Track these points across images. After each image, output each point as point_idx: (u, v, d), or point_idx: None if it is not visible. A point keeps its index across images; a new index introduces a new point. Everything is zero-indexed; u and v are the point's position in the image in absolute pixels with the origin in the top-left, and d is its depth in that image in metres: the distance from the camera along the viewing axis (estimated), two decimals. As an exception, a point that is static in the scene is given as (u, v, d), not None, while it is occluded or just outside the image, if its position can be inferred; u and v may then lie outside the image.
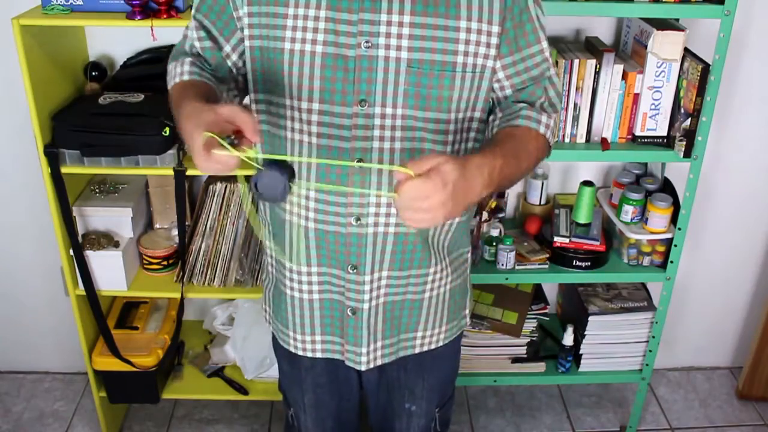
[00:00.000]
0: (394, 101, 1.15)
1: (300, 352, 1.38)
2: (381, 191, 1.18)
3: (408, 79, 1.13)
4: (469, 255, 1.43)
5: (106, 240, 1.97)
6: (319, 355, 1.37)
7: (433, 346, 1.40)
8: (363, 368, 1.35)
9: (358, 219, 1.22)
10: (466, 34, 1.13)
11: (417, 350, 1.39)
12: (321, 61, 1.13)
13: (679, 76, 1.83)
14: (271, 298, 1.42)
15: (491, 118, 1.25)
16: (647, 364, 2.20)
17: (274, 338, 1.49)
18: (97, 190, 2.02)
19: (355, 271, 1.26)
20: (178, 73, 1.20)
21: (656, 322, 2.14)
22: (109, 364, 2.05)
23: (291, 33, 1.13)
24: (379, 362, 1.36)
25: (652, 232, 2.00)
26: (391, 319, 1.34)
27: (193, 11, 1.23)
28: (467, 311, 1.48)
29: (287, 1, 1.12)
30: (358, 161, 1.18)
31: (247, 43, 1.18)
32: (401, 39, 1.11)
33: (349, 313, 1.31)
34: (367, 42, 1.11)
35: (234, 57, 1.22)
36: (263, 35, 1.15)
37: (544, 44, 1.21)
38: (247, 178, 1.04)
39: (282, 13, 1.13)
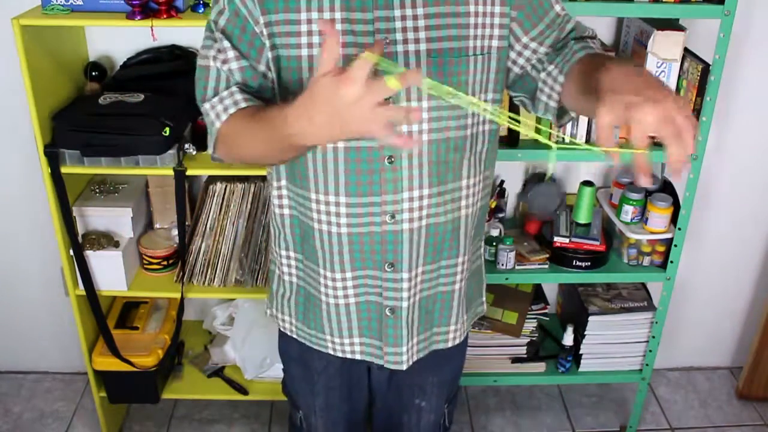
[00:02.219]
0: (419, 94, 1.15)
1: (339, 354, 1.36)
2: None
3: (429, 70, 1.14)
4: (482, 241, 1.44)
5: (106, 240, 1.97)
6: (358, 357, 1.36)
7: (460, 339, 1.41)
8: (404, 367, 1.35)
9: (392, 216, 1.21)
10: (474, 18, 1.15)
11: (449, 344, 1.40)
12: (342, 64, 1.11)
13: (679, 76, 1.83)
14: (294, 306, 1.38)
15: (544, 75, 1.20)
16: (647, 364, 2.20)
17: (282, 342, 1.47)
18: (97, 190, 2.02)
19: (392, 269, 1.26)
20: (231, 103, 1.13)
21: (656, 322, 2.14)
22: (109, 364, 2.05)
23: (307, 38, 1.11)
24: (414, 358, 1.36)
25: (652, 232, 2.00)
26: (426, 314, 1.34)
27: (216, 32, 1.15)
28: (483, 298, 1.49)
29: (299, 6, 1.10)
30: (388, 159, 1.18)
31: (269, 54, 1.15)
32: (418, 32, 1.12)
33: (388, 313, 1.30)
34: (386, 39, 1.11)
35: (270, 74, 1.16)
36: (282, 44, 1.13)
37: (558, 7, 1.22)
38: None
39: (295, 19, 1.11)
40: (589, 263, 2.04)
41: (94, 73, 1.97)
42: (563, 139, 1.86)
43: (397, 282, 1.27)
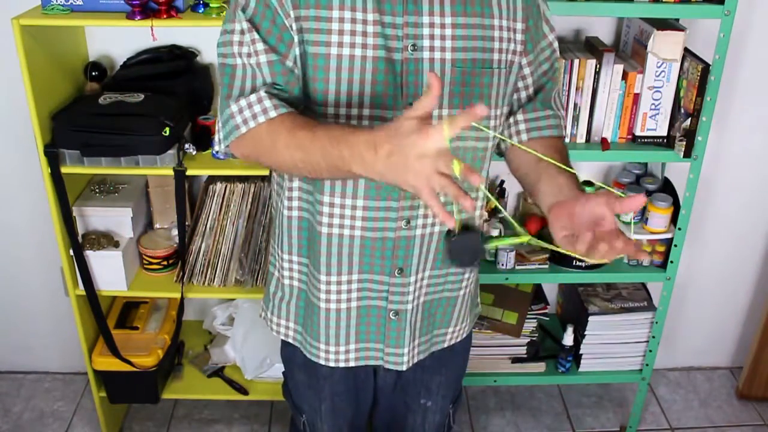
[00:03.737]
0: (440, 102, 1.15)
1: (332, 364, 1.35)
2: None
3: (453, 79, 1.14)
4: None
5: (106, 240, 1.97)
6: (352, 364, 1.36)
7: (459, 340, 1.42)
8: (404, 368, 1.35)
9: (408, 222, 1.21)
10: (498, 31, 1.16)
11: (446, 344, 1.41)
12: (372, 65, 1.11)
13: (679, 76, 1.83)
14: (295, 310, 1.36)
15: (512, 120, 1.28)
16: (647, 364, 2.20)
17: (286, 349, 1.46)
18: (97, 190, 2.02)
19: (401, 274, 1.26)
20: (260, 110, 1.11)
21: (656, 322, 2.14)
22: (109, 364, 2.05)
23: (338, 37, 1.10)
24: (415, 359, 1.37)
25: (652, 232, 2.00)
26: (428, 317, 1.35)
27: (241, 23, 1.11)
28: (479, 299, 1.51)
29: (331, 3, 1.09)
30: None
31: (297, 50, 1.12)
32: (444, 40, 1.12)
33: (391, 316, 1.30)
34: (413, 45, 1.11)
35: (297, 71, 1.14)
36: (311, 41, 1.11)
37: (551, 36, 1.26)
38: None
39: (326, 16, 1.09)
40: (589, 263, 2.04)
41: (94, 73, 1.97)
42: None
43: (405, 286, 1.27)
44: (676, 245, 2.00)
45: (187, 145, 1.83)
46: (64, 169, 1.81)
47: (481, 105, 0.88)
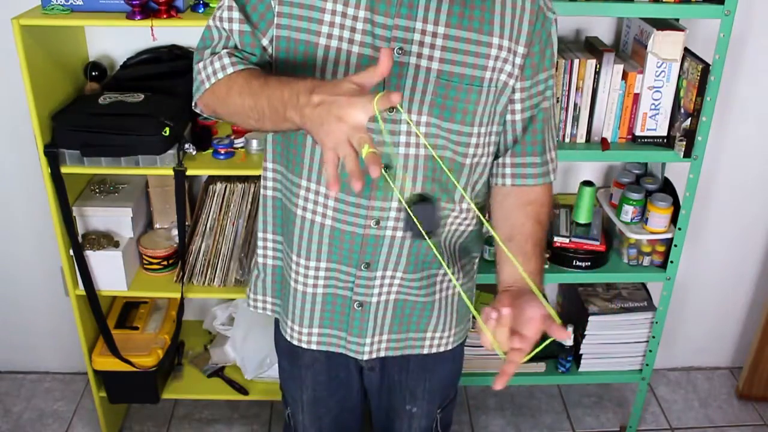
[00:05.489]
0: (420, 109, 1.15)
1: (295, 342, 1.38)
2: None
3: (436, 90, 1.13)
4: (477, 260, 1.45)
5: (106, 240, 1.97)
6: (314, 346, 1.37)
7: (442, 349, 1.41)
8: (365, 357, 1.35)
9: (377, 222, 1.22)
10: (496, 50, 1.14)
11: (425, 351, 1.39)
12: (356, 61, 1.11)
13: (679, 76, 1.83)
14: (271, 284, 1.40)
15: (500, 161, 1.27)
16: (647, 364, 2.20)
17: (276, 335, 1.48)
18: (97, 190, 2.02)
19: (367, 268, 1.27)
20: (219, 67, 1.15)
21: (656, 322, 2.14)
22: (109, 364, 2.05)
23: (328, 28, 1.11)
24: (382, 354, 1.37)
25: (652, 232, 2.00)
26: (401, 317, 1.34)
27: None
28: (471, 315, 1.49)
29: None
30: (384, 167, 1.17)
31: (274, 32, 1.15)
32: (434, 49, 1.11)
33: (356, 307, 1.31)
34: (400, 49, 1.11)
35: (270, 50, 1.18)
36: (294, 26, 1.13)
37: (553, 71, 1.24)
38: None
39: (319, 6, 1.11)
40: (589, 263, 2.04)
41: (94, 73, 1.97)
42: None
43: (371, 280, 1.28)
44: (676, 245, 2.00)
45: (187, 145, 1.83)
46: (64, 169, 1.81)
47: (397, 93, 0.90)
